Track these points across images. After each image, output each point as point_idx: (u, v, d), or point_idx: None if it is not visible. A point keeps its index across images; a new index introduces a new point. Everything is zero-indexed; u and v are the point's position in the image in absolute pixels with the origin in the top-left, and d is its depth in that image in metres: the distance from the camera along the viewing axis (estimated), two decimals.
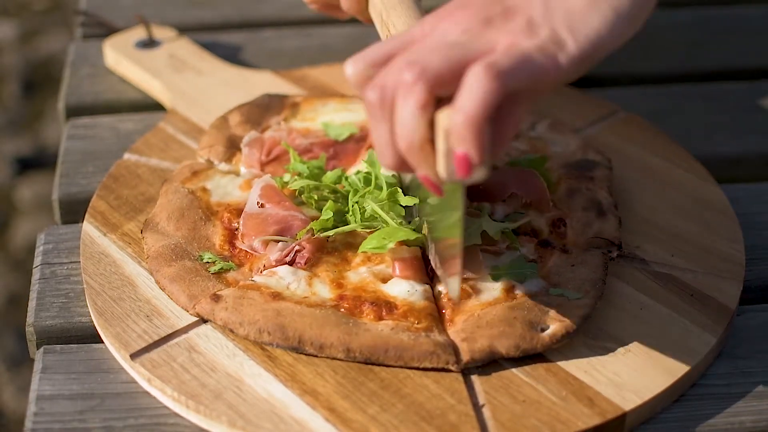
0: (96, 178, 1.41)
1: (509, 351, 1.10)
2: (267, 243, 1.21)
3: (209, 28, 1.81)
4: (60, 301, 1.21)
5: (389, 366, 1.10)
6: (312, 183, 1.28)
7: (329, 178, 1.29)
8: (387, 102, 0.98)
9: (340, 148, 1.38)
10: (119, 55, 1.63)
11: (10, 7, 3.62)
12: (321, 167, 1.32)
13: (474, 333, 1.11)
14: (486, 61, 0.95)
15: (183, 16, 1.83)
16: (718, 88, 1.64)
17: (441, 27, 1.01)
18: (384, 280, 1.17)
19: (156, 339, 1.13)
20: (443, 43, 0.99)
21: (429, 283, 1.18)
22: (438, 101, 0.97)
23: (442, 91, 0.97)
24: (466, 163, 0.95)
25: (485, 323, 1.11)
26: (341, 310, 1.13)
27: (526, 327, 1.11)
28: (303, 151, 1.36)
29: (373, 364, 1.10)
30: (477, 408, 1.06)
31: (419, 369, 1.09)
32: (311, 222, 1.23)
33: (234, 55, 1.70)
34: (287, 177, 1.31)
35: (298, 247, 1.20)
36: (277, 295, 1.14)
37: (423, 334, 1.11)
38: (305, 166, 1.31)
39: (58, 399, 1.09)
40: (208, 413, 1.05)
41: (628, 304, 1.18)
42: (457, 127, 0.94)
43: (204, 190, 1.30)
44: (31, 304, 1.21)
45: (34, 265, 1.27)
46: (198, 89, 1.55)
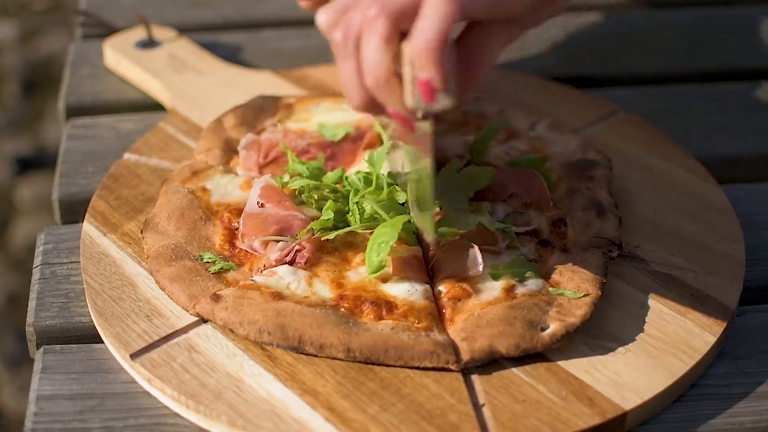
0: (96, 178, 1.41)
1: (509, 350, 1.10)
2: (267, 243, 1.21)
3: (209, 28, 1.81)
4: (60, 301, 1.21)
5: (389, 366, 1.10)
6: (312, 183, 1.28)
7: (330, 178, 1.29)
8: (352, 39, 1.02)
9: (336, 148, 1.38)
10: (119, 55, 1.63)
11: (10, 7, 3.62)
12: (320, 168, 1.32)
13: (474, 332, 1.11)
14: None
15: (183, 16, 1.83)
16: (718, 88, 1.64)
17: None
18: (384, 279, 1.17)
19: (156, 339, 1.13)
20: None
21: (429, 283, 1.18)
22: (403, 35, 1.01)
23: (405, 24, 1.00)
24: (429, 88, 0.99)
25: (485, 323, 1.11)
26: (341, 309, 1.13)
27: (526, 326, 1.11)
28: (300, 153, 1.36)
29: (373, 363, 1.10)
30: (477, 407, 1.06)
31: (419, 368, 1.09)
32: (311, 222, 1.23)
33: (234, 56, 1.70)
34: (287, 177, 1.31)
35: (298, 247, 1.20)
36: (277, 295, 1.14)
37: (423, 333, 1.11)
38: (304, 167, 1.31)
39: (58, 399, 1.09)
40: (208, 413, 1.05)
41: (628, 303, 1.18)
42: (418, 53, 0.98)
43: (204, 189, 1.30)
44: (31, 304, 1.21)
45: (34, 265, 1.27)
46: (198, 89, 1.55)
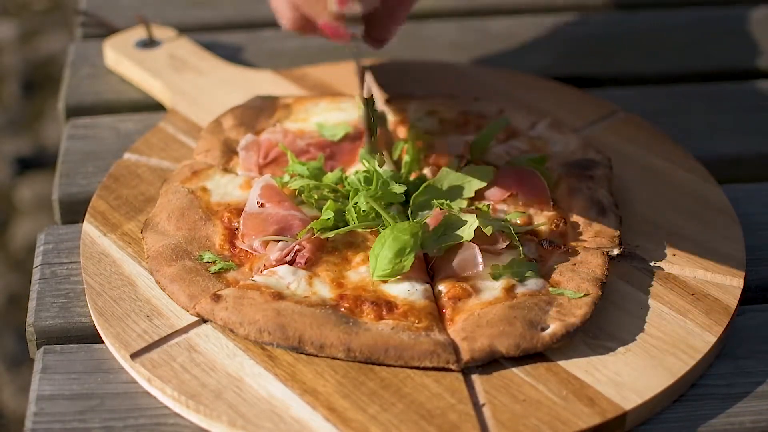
0: (96, 178, 1.41)
1: (509, 350, 1.10)
2: (267, 243, 1.21)
3: (209, 28, 1.81)
4: (60, 301, 1.21)
5: (389, 365, 1.10)
6: (312, 182, 1.28)
7: (330, 178, 1.29)
8: None
9: (336, 148, 1.38)
10: (119, 55, 1.63)
11: (10, 7, 3.62)
12: (320, 168, 1.32)
13: (474, 332, 1.11)
14: None
15: (183, 16, 1.83)
16: (718, 88, 1.64)
17: None
18: (384, 279, 1.17)
19: (156, 339, 1.13)
20: None
21: (429, 283, 1.18)
22: None
23: None
24: None
25: (485, 322, 1.11)
26: (341, 309, 1.13)
27: (526, 326, 1.11)
28: (300, 153, 1.36)
29: (374, 363, 1.10)
30: (477, 407, 1.06)
31: (419, 368, 1.09)
32: (311, 222, 1.23)
33: (234, 56, 1.70)
34: (287, 177, 1.31)
35: (298, 247, 1.20)
36: (277, 295, 1.14)
37: (423, 333, 1.11)
38: (304, 167, 1.31)
39: (58, 399, 1.09)
40: (208, 413, 1.05)
41: (628, 303, 1.18)
42: None
43: (204, 189, 1.30)
44: (31, 304, 1.21)
45: (34, 265, 1.27)
46: (198, 89, 1.55)
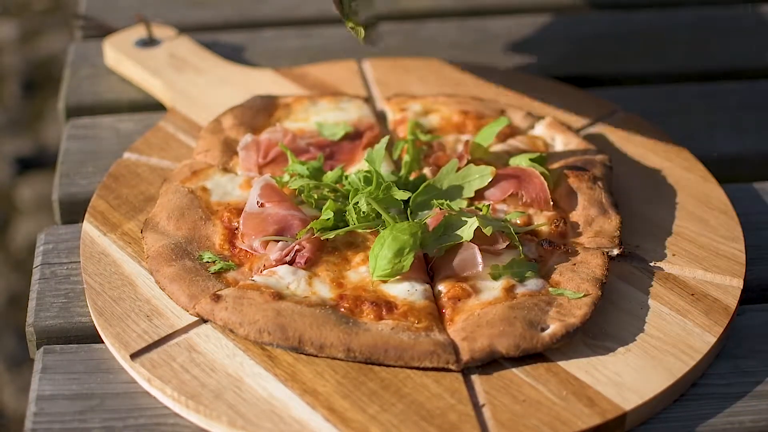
0: (96, 178, 1.41)
1: (509, 350, 1.10)
2: (267, 243, 1.21)
3: (209, 28, 1.81)
4: (60, 301, 1.21)
5: (389, 366, 1.10)
6: (312, 182, 1.28)
7: (329, 177, 1.29)
8: None
9: (336, 147, 1.38)
10: (119, 54, 1.63)
11: (10, 7, 3.61)
12: (320, 168, 1.32)
13: (474, 332, 1.11)
14: None
15: (183, 16, 1.83)
16: (718, 88, 1.64)
17: None
18: (384, 279, 1.17)
19: (156, 339, 1.13)
20: None
21: (429, 283, 1.18)
22: None
23: None
24: None
25: (485, 323, 1.11)
26: (341, 309, 1.13)
27: (526, 326, 1.11)
28: (300, 152, 1.36)
29: (373, 363, 1.10)
30: (477, 408, 1.06)
31: (419, 369, 1.09)
32: (311, 222, 1.23)
33: (234, 56, 1.70)
34: (287, 177, 1.31)
35: (298, 247, 1.19)
36: (277, 295, 1.14)
37: (423, 333, 1.11)
38: (304, 167, 1.31)
39: (58, 399, 1.09)
40: (208, 413, 1.05)
41: (628, 303, 1.18)
42: None
43: (204, 189, 1.30)
44: (31, 304, 1.21)
45: (34, 265, 1.27)
46: (198, 88, 1.55)
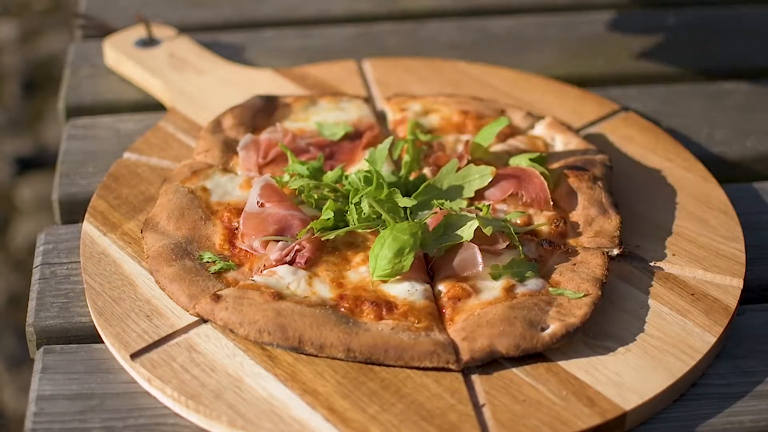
0: (96, 178, 1.41)
1: (509, 350, 1.10)
2: (267, 243, 1.21)
3: (209, 28, 1.81)
4: (60, 301, 1.21)
5: (389, 366, 1.09)
6: (312, 182, 1.28)
7: (329, 177, 1.29)
8: None
9: (336, 147, 1.38)
10: (119, 54, 1.63)
11: (10, 7, 3.61)
12: (320, 168, 1.31)
13: (474, 332, 1.11)
14: None
15: (183, 16, 1.83)
16: (718, 88, 1.64)
17: None
18: (384, 279, 1.17)
19: (156, 339, 1.13)
20: None
21: (429, 283, 1.18)
22: None
23: None
24: None
25: (485, 322, 1.11)
26: (341, 309, 1.13)
27: (526, 326, 1.11)
28: (299, 152, 1.36)
29: (374, 363, 1.10)
30: (477, 408, 1.06)
31: (419, 368, 1.09)
32: (311, 221, 1.23)
33: (234, 56, 1.70)
34: (287, 177, 1.31)
35: (298, 247, 1.19)
36: (277, 295, 1.14)
37: (423, 333, 1.11)
38: (304, 167, 1.31)
39: (58, 399, 1.09)
40: (208, 413, 1.05)
41: (628, 303, 1.18)
42: None
43: (204, 189, 1.30)
44: (31, 304, 1.21)
45: (34, 265, 1.27)
46: (198, 88, 1.55)
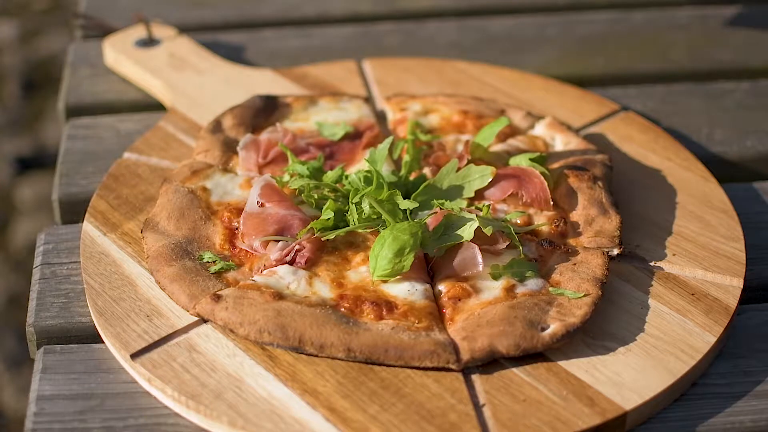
0: (96, 178, 1.41)
1: (510, 350, 1.10)
2: (267, 243, 1.21)
3: (209, 28, 1.81)
4: (60, 301, 1.21)
5: (389, 365, 1.09)
6: (312, 182, 1.28)
7: (330, 177, 1.29)
8: None
9: (336, 147, 1.38)
10: (119, 54, 1.63)
11: (10, 7, 3.61)
12: (320, 168, 1.31)
13: (474, 332, 1.11)
14: None
15: (183, 16, 1.83)
16: (718, 88, 1.64)
17: None
18: (384, 279, 1.17)
19: (156, 339, 1.13)
20: None
21: (429, 282, 1.18)
22: None
23: None
24: None
25: (485, 322, 1.11)
26: (341, 309, 1.13)
27: (526, 326, 1.11)
28: (299, 152, 1.36)
29: (374, 363, 1.10)
30: (477, 407, 1.06)
31: (420, 368, 1.09)
32: (311, 221, 1.23)
33: (234, 55, 1.70)
34: (287, 177, 1.31)
35: (298, 247, 1.19)
36: (278, 295, 1.14)
37: (423, 333, 1.11)
38: (304, 167, 1.31)
39: (58, 399, 1.09)
40: (208, 413, 1.05)
41: (628, 303, 1.18)
42: None
43: (204, 189, 1.30)
44: (31, 304, 1.21)
45: (34, 265, 1.27)
46: (198, 87, 1.55)
